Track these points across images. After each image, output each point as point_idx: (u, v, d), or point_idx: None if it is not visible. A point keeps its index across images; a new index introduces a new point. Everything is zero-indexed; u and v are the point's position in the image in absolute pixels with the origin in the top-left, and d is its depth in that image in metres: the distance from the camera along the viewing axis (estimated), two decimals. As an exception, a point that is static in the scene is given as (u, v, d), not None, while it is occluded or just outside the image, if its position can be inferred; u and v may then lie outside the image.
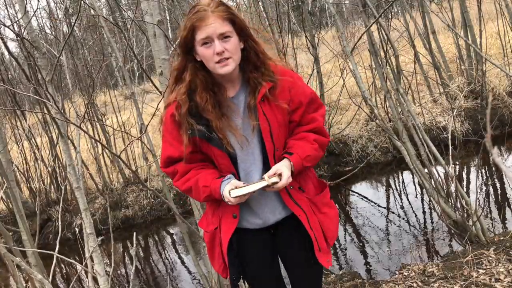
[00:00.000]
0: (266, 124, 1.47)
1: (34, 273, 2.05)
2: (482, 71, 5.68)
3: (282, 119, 1.51)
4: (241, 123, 1.50)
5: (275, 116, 1.49)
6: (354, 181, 5.35)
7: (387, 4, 3.63)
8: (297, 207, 1.55)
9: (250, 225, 1.61)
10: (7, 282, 4.78)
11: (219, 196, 1.48)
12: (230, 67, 1.41)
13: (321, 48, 6.24)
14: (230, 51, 1.39)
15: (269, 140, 1.49)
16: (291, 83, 1.52)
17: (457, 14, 6.46)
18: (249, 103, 1.48)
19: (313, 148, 1.53)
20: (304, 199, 1.58)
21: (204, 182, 1.50)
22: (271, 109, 1.48)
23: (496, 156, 0.56)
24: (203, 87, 1.45)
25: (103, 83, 8.42)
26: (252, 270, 1.67)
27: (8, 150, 4.25)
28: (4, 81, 5.73)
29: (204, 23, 1.37)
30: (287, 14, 5.68)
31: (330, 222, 1.63)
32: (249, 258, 1.65)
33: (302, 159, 1.49)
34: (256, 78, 1.46)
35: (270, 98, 1.47)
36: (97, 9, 4.73)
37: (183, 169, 1.55)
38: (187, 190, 1.56)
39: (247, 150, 1.51)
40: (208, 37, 1.38)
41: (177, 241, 5.10)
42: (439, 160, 2.96)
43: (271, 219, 1.60)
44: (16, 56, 6.06)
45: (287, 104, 1.50)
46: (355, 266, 3.49)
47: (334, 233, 1.64)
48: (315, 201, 1.61)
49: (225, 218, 1.58)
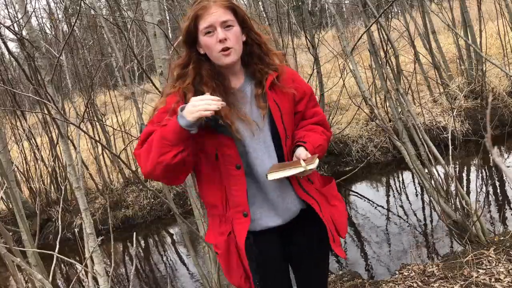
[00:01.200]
0: (277, 109, 1.48)
1: (34, 273, 2.05)
2: (482, 71, 5.68)
3: (289, 107, 1.53)
4: (250, 111, 1.49)
5: (284, 103, 1.51)
6: (354, 181, 5.35)
7: (387, 4, 3.63)
8: (310, 198, 1.54)
9: (269, 223, 1.52)
10: (7, 282, 4.78)
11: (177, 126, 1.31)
12: (233, 57, 1.42)
13: (321, 48, 6.24)
14: (232, 40, 1.41)
15: (281, 126, 1.49)
16: (293, 74, 1.58)
17: (457, 14, 6.46)
18: (257, 92, 1.49)
19: (323, 139, 1.56)
20: (314, 190, 1.57)
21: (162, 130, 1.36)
22: (279, 96, 1.50)
23: (496, 156, 0.56)
24: (209, 77, 1.45)
25: (103, 83, 8.41)
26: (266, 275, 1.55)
27: (8, 150, 4.25)
28: (4, 81, 5.73)
29: (207, 12, 1.39)
30: (287, 14, 5.68)
31: (340, 215, 1.61)
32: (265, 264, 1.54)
33: (315, 147, 1.50)
34: (261, 69, 1.48)
35: (279, 85, 1.49)
36: (97, 9, 4.74)
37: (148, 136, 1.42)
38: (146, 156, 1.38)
39: (258, 138, 1.48)
40: (211, 25, 1.39)
41: (177, 241, 5.10)
42: (439, 160, 2.96)
43: (288, 213, 1.54)
44: (16, 56, 6.06)
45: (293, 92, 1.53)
46: (355, 266, 3.49)
47: (344, 226, 1.62)
48: (324, 192, 1.60)
49: (236, 219, 1.49)
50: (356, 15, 15.16)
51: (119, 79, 13.83)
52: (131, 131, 6.87)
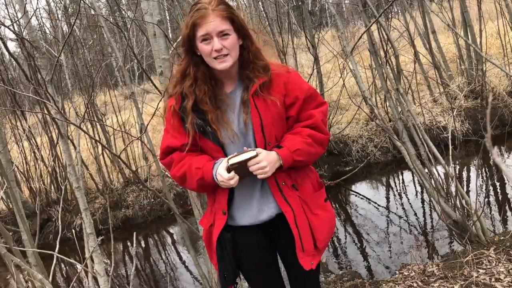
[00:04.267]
0: (258, 117, 1.51)
1: (34, 273, 2.05)
2: (482, 71, 5.68)
3: (276, 112, 1.52)
4: (236, 118, 1.54)
5: (269, 109, 1.51)
6: (354, 181, 5.35)
7: (387, 4, 3.62)
8: (286, 204, 1.55)
9: (242, 221, 1.62)
10: (7, 282, 4.78)
11: (211, 179, 1.50)
12: (228, 63, 1.47)
13: (321, 48, 6.24)
14: (228, 48, 1.46)
15: (259, 134, 1.52)
16: (287, 78, 1.55)
17: (457, 14, 6.46)
18: (243, 98, 1.53)
19: (304, 142, 1.52)
20: (296, 197, 1.57)
21: (197, 164, 1.54)
22: (264, 103, 1.51)
23: (496, 156, 0.56)
24: (202, 80, 1.52)
25: (103, 83, 8.41)
26: (246, 268, 1.69)
27: (8, 150, 4.25)
28: (4, 81, 5.72)
29: (205, 21, 1.43)
30: (287, 14, 5.68)
31: (321, 224, 1.60)
32: (244, 256, 1.66)
33: (292, 152, 1.50)
34: (247, 74, 1.52)
35: (263, 92, 1.52)
36: (97, 9, 4.73)
37: (179, 157, 1.59)
38: (182, 177, 1.58)
39: (242, 145, 1.54)
40: (207, 34, 1.44)
41: (177, 241, 5.10)
42: (439, 160, 2.96)
43: (262, 215, 1.60)
44: (16, 56, 6.05)
45: (283, 98, 1.53)
46: (355, 266, 3.49)
47: (324, 235, 1.61)
48: (307, 200, 1.59)
49: (217, 214, 1.61)
50: (356, 15, 15.16)
51: (119, 79, 13.82)
52: (131, 131, 6.87)
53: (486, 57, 3.90)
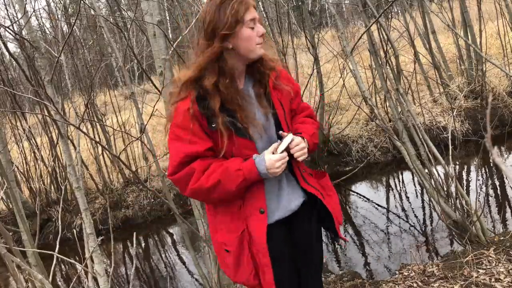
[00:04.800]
0: (281, 110, 1.57)
1: (34, 273, 2.05)
2: (482, 71, 5.68)
3: (289, 105, 1.63)
4: (256, 112, 1.53)
5: (286, 100, 1.61)
6: (354, 181, 5.35)
7: (387, 4, 3.63)
8: (314, 189, 1.63)
9: (275, 216, 1.57)
10: (7, 282, 4.78)
11: (257, 175, 1.44)
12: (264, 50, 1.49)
13: (321, 48, 6.23)
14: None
15: (285, 124, 1.57)
16: (286, 73, 1.66)
17: (457, 14, 6.46)
18: (259, 92, 1.54)
19: (315, 128, 1.67)
20: (316, 183, 1.68)
21: (235, 166, 1.43)
22: (282, 94, 1.58)
23: (496, 156, 0.56)
24: (229, 75, 1.45)
25: (103, 83, 8.41)
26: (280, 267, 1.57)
27: (8, 150, 4.25)
28: (4, 82, 5.72)
29: (251, 6, 1.43)
30: (287, 14, 5.68)
31: (335, 204, 1.71)
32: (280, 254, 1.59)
33: (310, 135, 1.60)
34: (258, 68, 1.53)
35: (280, 84, 1.57)
36: (97, 9, 4.73)
37: (202, 165, 1.44)
38: (213, 186, 1.43)
39: (266, 139, 1.54)
40: (255, 18, 1.44)
41: (177, 241, 5.10)
42: (439, 160, 2.96)
43: (291, 205, 1.62)
44: (16, 56, 6.05)
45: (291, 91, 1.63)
46: (355, 266, 3.49)
47: (340, 213, 1.73)
48: (323, 185, 1.72)
49: (253, 216, 1.51)
50: (356, 15, 15.16)
51: (119, 79, 13.82)
52: (131, 131, 6.87)
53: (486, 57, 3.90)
